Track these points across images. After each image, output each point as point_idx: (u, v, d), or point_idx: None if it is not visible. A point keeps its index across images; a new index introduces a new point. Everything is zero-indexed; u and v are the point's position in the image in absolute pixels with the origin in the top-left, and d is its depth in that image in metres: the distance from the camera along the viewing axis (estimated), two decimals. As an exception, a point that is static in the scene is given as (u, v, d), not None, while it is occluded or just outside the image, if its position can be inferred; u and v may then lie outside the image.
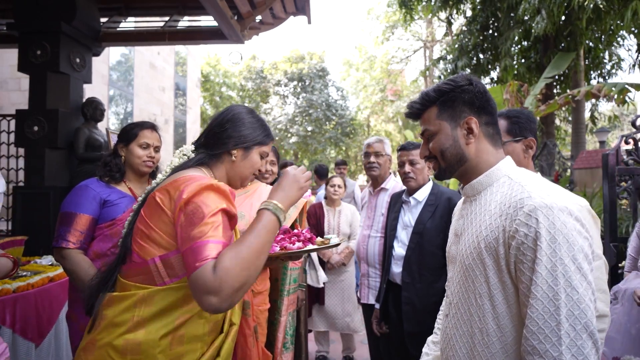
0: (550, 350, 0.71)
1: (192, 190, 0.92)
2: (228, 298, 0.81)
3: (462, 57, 9.78)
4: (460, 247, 0.93)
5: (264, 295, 1.71)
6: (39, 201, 3.27)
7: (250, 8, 3.96)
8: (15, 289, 2.05)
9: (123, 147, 1.68)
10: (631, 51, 8.87)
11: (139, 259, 0.96)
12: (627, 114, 17.78)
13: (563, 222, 0.74)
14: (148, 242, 0.95)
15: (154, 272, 0.94)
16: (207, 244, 0.85)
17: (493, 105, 0.94)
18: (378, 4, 22.27)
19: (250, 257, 0.85)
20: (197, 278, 0.81)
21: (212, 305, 0.80)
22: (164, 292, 0.93)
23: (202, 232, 0.86)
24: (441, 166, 0.95)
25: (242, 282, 0.83)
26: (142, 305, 0.93)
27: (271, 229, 0.92)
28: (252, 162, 1.12)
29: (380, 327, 1.97)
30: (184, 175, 0.99)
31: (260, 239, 0.88)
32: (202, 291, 0.80)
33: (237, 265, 0.82)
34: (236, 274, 0.81)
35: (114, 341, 0.91)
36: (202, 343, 0.99)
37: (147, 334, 0.91)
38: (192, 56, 11.51)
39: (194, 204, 0.90)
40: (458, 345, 0.90)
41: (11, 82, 6.65)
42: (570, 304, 0.71)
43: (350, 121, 19.48)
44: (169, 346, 0.92)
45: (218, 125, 1.11)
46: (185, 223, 0.89)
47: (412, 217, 1.90)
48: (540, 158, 7.96)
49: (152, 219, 0.95)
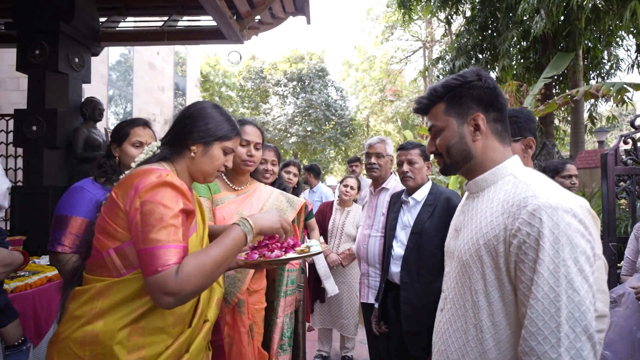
0: (549, 352, 0.71)
1: (147, 186, 0.92)
2: (184, 299, 0.90)
3: (460, 57, 9.78)
4: (458, 243, 0.92)
5: (260, 294, 1.70)
6: (38, 201, 3.26)
7: (250, 8, 3.96)
8: (14, 289, 2.04)
9: (116, 147, 1.61)
10: (630, 51, 8.88)
11: (96, 252, 0.98)
12: (626, 114, 17.80)
13: (567, 223, 0.74)
14: (103, 235, 0.97)
15: (110, 265, 0.96)
16: (169, 249, 0.89)
17: (503, 102, 0.92)
18: (377, 4, 22.30)
19: (212, 268, 0.93)
20: (157, 281, 0.86)
21: (169, 304, 0.88)
22: (121, 284, 0.94)
23: (162, 236, 0.89)
24: (446, 162, 0.94)
25: (199, 288, 0.92)
26: (100, 297, 0.94)
27: (237, 244, 1.00)
28: (213, 157, 1.10)
29: (379, 326, 1.97)
30: (142, 168, 1.00)
31: (224, 253, 0.96)
32: (161, 292, 0.87)
33: (198, 274, 0.89)
34: (196, 282, 0.89)
35: (73, 333, 0.93)
36: (166, 335, 0.98)
37: (105, 325, 0.92)
38: (192, 56, 11.50)
39: (151, 203, 0.91)
40: (451, 339, 0.90)
41: (10, 82, 6.64)
42: (571, 306, 0.71)
43: (350, 121, 19.48)
44: (127, 337, 0.93)
45: (179, 122, 1.11)
46: (143, 223, 0.90)
47: (411, 217, 1.90)
48: (539, 158, 7.97)
49: (107, 213, 0.97)
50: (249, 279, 1.60)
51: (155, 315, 0.96)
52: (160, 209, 0.90)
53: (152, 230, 0.89)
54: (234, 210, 1.64)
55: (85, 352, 0.91)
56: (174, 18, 4.36)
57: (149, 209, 0.90)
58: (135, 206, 0.91)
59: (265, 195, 1.75)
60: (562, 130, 11.38)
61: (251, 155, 1.61)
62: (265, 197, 1.74)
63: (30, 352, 2.07)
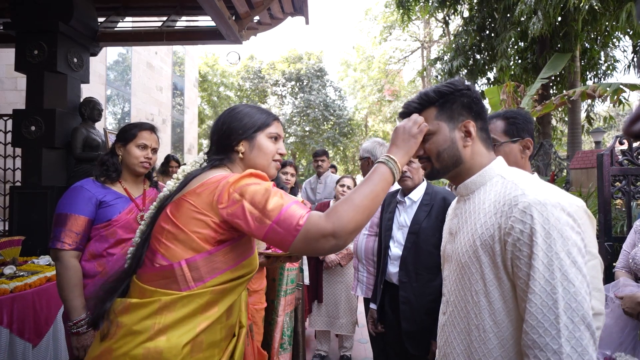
0: (550, 343, 0.73)
1: (234, 180, 0.91)
2: (345, 237, 0.84)
3: (458, 58, 9.82)
4: (455, 246, 0.94)
5: (260, 294, 1.71)
6: (36, 201, 3.26)
7: (248, 8, 3.96)
8: (13, 288, 2.04)
9: (121, 146, 1.67)
10: (626, 52, 8.98)
11: (165, 261, 0.93)
12: (623, 114, 17.90)
13: (557, 217, 0.76)
14: (176, 243, 0.92)
15: (179, 276, 0.91)
16: (292, 206, 0.87)
17: (486, 112, 0.98)
18: (376, 4, 22.33)
19: (363, 202, 0.87)
20: (307, 230, 0.83)
21: (332, 246, 0.84)
22: (187, 298, 0.91)
23: (278, 202, 0.87)
24: (434, 167, 0.96)
25: (356, 223, 0.85)
26: (165, 311, 0.89)
27: (386, 179, 0.91)
28: (262, 148, 1.06)
29: (376, 327, 1.98)
30: (209, 176, 0.97)
31: (374, 187, 0.89)
32: (319, 237, 0.83)
33: (349, 209, 0.85)
34: (348, 215, 0.84)
35: (132, 350, 0.87)
36: (219, 349, 0.98)
37: (168, 342, 0.88)
38: (190, 56, 11.48)
39: (248, 187, 0.89)
40: (456, 342, 0.91)
41: (7, 82, 6.62)
42: (567, 297, 0.73)
43: (348, 121, 19.51)
44: (189, 353, 0.90)
45: (216, 131, 1.09)
46: (254, 205, 0.87)
47: (407, 217, 1.92)
48: (536, 158, 8.00)
49: (181, 220, 0.93)
50: (248, 278, 1.61)
51: (213, 330, 0.95)
52: (258, 187, 0.89)
53: (267, 203, 0.86)
54: None
55: None
56: (172, 18, 4.36)
57: (250, 191, 0.88)
58: (235, 199, 0.89)
59: None
60: (559, 130, 11.44)
61: None
62: None
63: (29, 353, 2.07)
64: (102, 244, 1.56)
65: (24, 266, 2.47)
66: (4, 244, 2.55)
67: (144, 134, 1.67)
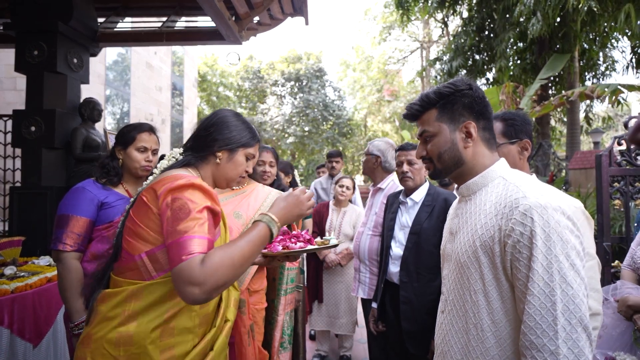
0: (547, 345, 0.74)
1: (177, 186, 0.97)
2: (209, 291, 0.86)
3: (458, 58, 9.84)
4: (455, 246, 0.95)
5: (260, 294, 1.72)
6: (36, 202, 3.26)
7: (248, 9, 3.97)
8: (14, 289, 2.05)
9: (121, 149, 1.66)
10: (625, 53, 9.03)
11: (127, 255, 1.01)
12: (622, 114, 17.94)
13: (557, 220, 0.77)
14: (135, 238, 1.00)
15: (142, 268, 0.99)
16: (193, 239, 0.90)
17: (490, 111, 0.97)
18: (375, 4, 22.32)
19: (239, 260, 0.92)
20: (182, 269, 0.86)
21: (193, 295, 0.85)
22: (152, 287, 0.98)
23: (188, 227, 0.91)
24: (437, 167, 0.97)
25: (225, 281, 0.89)
26: (133, 299, 0.98)
27: (262, 239, 1.00)
28: (237, 163, 1.15)
29: (377, 326, 1.99)
30: (170, 174, 1.04)
31: (250, 246, 0.96)
32: (186, 282, 0.85)
33: (224, 265, 0.88)
34: (222, 273, 0.88)
35: (107, 334, 0.97)
36: (193, 335, 1.03)
37: (139, 327, 0.96)
38: (189, 56, 11.48)
39: (181, 200, 0.95)
40: (453, 340, 0.92)
41: (6, 82, 6.61)
42: (565, 300, 0.74)
43: (347, 121, 19.50)
44: (159, 337, 0.97)
45: (204, 129, 1.15)
46: (172, 218, 0.93)
47: (409, 217, 1.93)
48: (535, 159, 8.03)
49: (139, 216, 1.00)
50: (248, 278, 1.62)
51: (184, 317, 1.01)
52: (188, 204, 0.94)
53: (180, 222, 0.92)
54: (231, 211, 1.66)
55: (120, 352, 0.96)
56: (172, 19, 4.36)
57: (178, 204, 0.94)
58: (167, 203, 0.95)
59: (263, 195, 1.77)
60: (558, 131, 11.47)
61: None
62: (263, 196, 1.76)
63: (30, 353, 2.08)
64: (104, 245, 1.57)
65: (24, 267, 2.47)
66: (4, 244, 2.55)
67: (143, 136, 1.66)
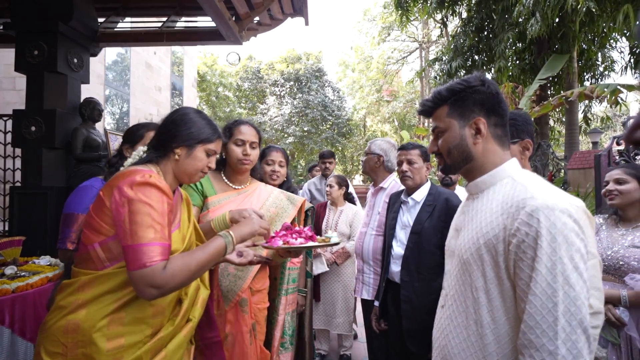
0: (546, 345, 0.74)
1: (130, 185, 0.99)
2: (167, 292, 0.99)
3: (457, 58, 9.85)
4: (459, 242, 0.96)
5: (262, 293, 1.71)
6: (37, 201, 3.26)
7: (248, 9, 3.97)
8: (15, 289, 2.05)
9: (129, 148, 1.67)
10: (623, 53, 9.00)
11: (82, 246, 1.05)
12: (620, 114, 17.99)
13: (564, 223, 0.77)
14: (90, 230, 1.03)
15: (95, 258, 1.02)
16: (155, 246, 0.97)
17: (504, 107, 0.95)
18: (374, 5, 22.35)
19: (195, 268, 1.03)
20: (145, 274, 0.94)
21: (152, 296, 0.96)
22: (104, 277, 1.01)
23: (149, 234, 0.97)
24: (447, 163, 0.98)
25: (182, 285, 1.01)
26: (85, 289, 1.01)
27: (218, 252, 1.11)
28: (196, 159, 1.16)
29: (379, 324, 2.00)
30: (126, 169, 1.07)
31: (206, 258, 1.06)
32: (147, 285, 0.95)
33: (183, 272, 1.00)
34: (181, 278, 0.99)
35: (58, 322, 1.00)
36: (146, 325, 1.05)
37: (87, 315, 0.99)
38: (189, 56, 11.47)
39: (139, 202, 0.98)
40: (452, 335, 0.93)
41: (5, 82, 6.60)
42: (567, 302, 0.74)
43: (347, 121, 19.53)
44: (106, 326, 1.00)
45: (163, 126, 1.18)
46: (130, 220, 0.97)
47: (410, 217, 1.93)
48: (534, 158, 8.03)
49: (94, 210, 1.04)
50: (250, 277, 1.61)
51: (135, 307, 1.04)
52: (147, 208, 0.98)
53: (140, 228, 0.96)
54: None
55: (68, 340, 0.99)
56: (172, 19, 4.36)
57: (136, 207, 0.97)
58: (122, 204, 0.98)
59: (265, 194, 1.76)
60: (557, 131, 11.48)
61: (247, 154, 1.64)
62: (265, 195, 1.75)
63: (30, 353, 2.08)
64: None
65: (25, 266, 2.47)
66: (4, 244, 2.55)
67: (151, 134, 1.64)
